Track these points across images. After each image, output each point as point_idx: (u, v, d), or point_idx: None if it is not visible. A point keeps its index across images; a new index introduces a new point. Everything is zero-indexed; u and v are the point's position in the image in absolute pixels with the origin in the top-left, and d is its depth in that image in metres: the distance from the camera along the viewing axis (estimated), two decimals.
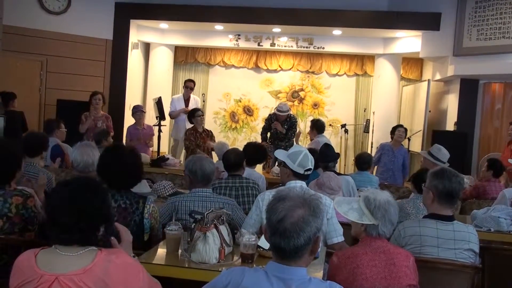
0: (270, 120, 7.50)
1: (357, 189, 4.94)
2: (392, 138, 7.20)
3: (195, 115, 7.16)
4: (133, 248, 2.12)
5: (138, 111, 7.41)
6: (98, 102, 7.17)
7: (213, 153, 6.74)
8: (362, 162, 5.72)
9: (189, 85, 8.22)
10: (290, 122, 7.36)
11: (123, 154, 3.00)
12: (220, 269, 2.44)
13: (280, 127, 7.25)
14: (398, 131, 7.12)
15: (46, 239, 1.99)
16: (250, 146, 5.15)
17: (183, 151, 8.36)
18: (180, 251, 2.73)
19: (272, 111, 7.76)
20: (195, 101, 8.28)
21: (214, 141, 7.08)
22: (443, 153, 5.23)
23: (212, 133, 7.38)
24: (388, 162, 6.98)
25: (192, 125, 7.24)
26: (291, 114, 7.54)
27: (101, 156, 3.06)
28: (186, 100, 8.18)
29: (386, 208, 2.41)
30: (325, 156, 5.04)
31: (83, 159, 3.52)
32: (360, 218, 2.44)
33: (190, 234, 2.68)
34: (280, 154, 3.34)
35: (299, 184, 3.16)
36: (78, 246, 1.83)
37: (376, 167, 7.34)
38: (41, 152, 4.43)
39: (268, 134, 7.57)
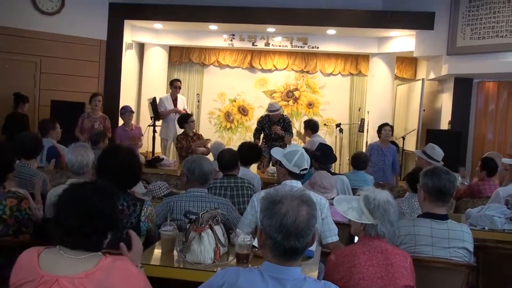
0: (262, 122, 7.45)
1: (352, 189, 4.92)
2: (379, 137, 7.16)
3: (188, 120, 7.13)
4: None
5: (127, 111, 7.34)
6: (98, 104, 7.18)
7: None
8: (359, 161, 5.69)
9: (177, 85, 8.22)
10: (285, 123, 7.33)
11: (123, 155, 2.98)
12: (215, 270, 2.43)
13: (280, 131, 7.20)
14: (384, 129, 7.04)
15: (43, 239, 1.98)
16: (245, 145, 5.13)
17: (172, 149, 8.35)
18: (175, 251, 2.72)
19: (265, 113, 7.73)
20: (182, 100, 8.30)
21: (204, 143, 7.05)
22: (437, 152, 5.25)
23: (202, 136, 7.37)
24: (378, 161, 6.93)
25: (183, 130, 7.21)
26: (284, 115, 7.53)
27: (100, 156, 3.03)
28: (174, 100, 8.18)
29: (386, 208, 2.40)
30: (326, 158, 4.93)
31: (78, 160, 3.51)
32: (359, 218, 2.43)
33: (185, 235, 2.68)
34: (276, 152, 3.32)
35: (299, 185, 3.16)
36: (83, 251, 1.80)
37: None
38: (37, 154, 4.44)
39: (262, 135, 7.53)
